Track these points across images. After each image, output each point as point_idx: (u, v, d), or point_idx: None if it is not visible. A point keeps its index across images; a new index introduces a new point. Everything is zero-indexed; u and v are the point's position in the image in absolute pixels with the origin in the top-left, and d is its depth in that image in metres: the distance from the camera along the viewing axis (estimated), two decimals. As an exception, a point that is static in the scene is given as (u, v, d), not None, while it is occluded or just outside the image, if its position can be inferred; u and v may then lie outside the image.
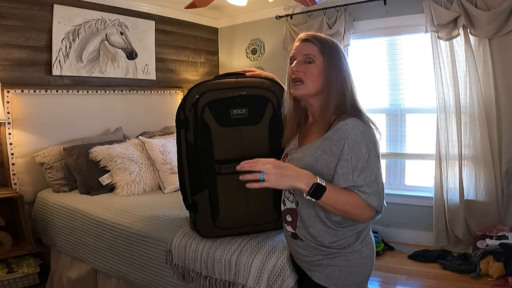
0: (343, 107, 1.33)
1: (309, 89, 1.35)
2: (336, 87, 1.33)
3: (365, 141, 1.26)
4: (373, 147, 1.28)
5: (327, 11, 3.68)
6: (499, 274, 2.74)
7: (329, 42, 1.37)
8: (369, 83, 3.79)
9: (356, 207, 1.25)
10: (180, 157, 1.74)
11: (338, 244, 1.35)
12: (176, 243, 1.89)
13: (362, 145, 1.26)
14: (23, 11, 2.89)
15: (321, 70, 1.34)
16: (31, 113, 2.92)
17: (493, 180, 3.12)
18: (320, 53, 1.34)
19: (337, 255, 1.36)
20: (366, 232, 1.40)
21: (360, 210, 1.26)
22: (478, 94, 3.11)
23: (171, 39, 4.09)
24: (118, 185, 2.84)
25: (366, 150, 1.26)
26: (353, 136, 1.26)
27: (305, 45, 1.37)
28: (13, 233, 2.59)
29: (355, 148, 1.25)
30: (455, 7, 3.05)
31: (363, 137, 1.26)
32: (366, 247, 1.39)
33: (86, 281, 2.48)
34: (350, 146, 1.25)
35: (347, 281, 1.37)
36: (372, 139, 1.28)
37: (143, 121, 3.68)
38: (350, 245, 1.36)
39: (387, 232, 3.63)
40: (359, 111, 1.34)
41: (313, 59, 1.34)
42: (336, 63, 1.35)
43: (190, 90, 1.69)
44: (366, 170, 1.25)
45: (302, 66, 1.36)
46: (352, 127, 1.27)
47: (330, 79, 1.34)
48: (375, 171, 1.27)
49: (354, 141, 1.25)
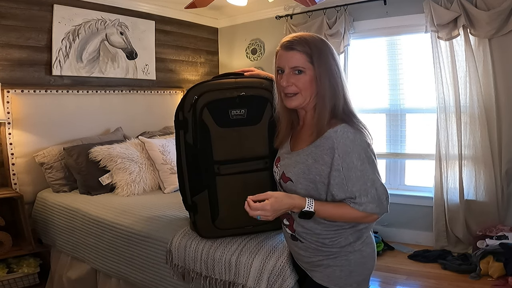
0: (335, 111, 1.29)
1: (303, 99, 1.32)
2: (329, 93, 1.29)
3: (356, 149, 1.24)
4: (365, 154, 1.25)
5: (327, 11, 3.68)
6: (499, 274, 2.74)
7: (316, 45, 1.29)
8: (369, 83, 3.79)
9: (356, 218, 1.28)
10: (179, 158, 1.74)
11: (339, 243, 1.35)
12: (176, 243, 1.89)
13: (353, 154, 1.23)
14: (23, 11, 2.90)
15: (312, 78, 1.29)
16: (31, 113, 2.92)
17: (493, 180, 3.11)
18: (309, 62, 1.28)
19: (337, 255, 1.36)
20: (367, 231, 1.40)
21: (361, 218, 1.29)
22: (478, 94, 3.11)
23: (171, 39, 4.09)
24: (118, 185, 2.84)
25: (357, 159, 1.23)
26: (343, 146, 1.23)
27: (291, 54, 1.29)
28: (13, 233, 2.60)
29: (346, 158, 1.23)
30: (455, 7, 3.05)
31: (353, 145, 1.24)
32: (366, 246, 1.39)
33: (86, 281, 2.49)
34: (341, 156, 1.24)
35: (348, 281, 1.37)
36: (363, 145, 1.25)
37: (143, 121, 3.68)
38: (351, 244, 1.36)
39: (387, 232, 3.63)
40: (350, 115, 1.31)
41: (303, 69, 1.28)
42: (327, 68, 1.29)
43: (189, 91, 1.68)
44: (360, 179, 1.24)
45: (291, 78, 1.30)
46: (342, 135, 1.24)
47: (323, 85, 1.28)
48: (371, 177, 1.25)
49: (344, 151, 1.23)
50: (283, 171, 1.39)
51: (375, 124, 3.79)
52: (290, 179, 1.35)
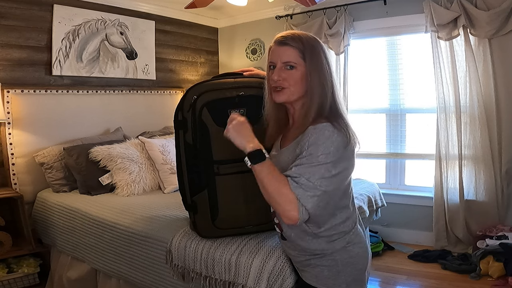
0: (321, 110, 1.28)
1: (292, 94, 1.31)
2: (318, 90, 1.29)
3: (326, 144, 1.21)
4: (333, 152, 1.21)
5: (327, 11, 3.68)
6: (499, 274, 2.74)
7: (309, 42, 1.30)
8: (369, 83, 3.79)
9: (282, 195, 1.20)
10: (179, 158, 1.74)
11: (320, 249, 1.34)
12: (176, 243, 1.89)
13: (320, 147, 1.21)
14: (23, 11, 2.90)
15: (303, 75, 1.29)
16: (31, 113, 2.92)
17: (493, 180, 3.11)
18: (301, 58, 1.28)
19: (323, 255, 1.35)
20: (352, 234, 1.38)
21: (285, 200, 1.20)
22: (478, 94, 3.11)
23: (171, 39, 4.09)
24: (118, 185, 2.84)
25: (322, 152, 1.21)
26: (315, 139, 1.22)
27: (284, 49, 1.30)
28: (13, 233, 2.60)
29: (313, 149, 1.21)
30: (455, 7, 3.05)
31: (325, 140, 1.21)
32: (354, 246, 1.37)
33: (86, 281, 2.49)
34: (309, 145, 1.22)
35: (336, 281, 1.36)
36: (336, 144, 1.22)
37: (143, 121, 3.68)
38: (333, 246, 1.35)
39: (387, 232, 3.63)
40: (336, 115, 1.29)
41: (294, 65, 1.29)
42: (318, 66, 1.29)
43: (188, 91, 1.68)
44: (313, 167, 1.20)
45: (283, 73, 1.30)
46: (318, 131, 1.22)
47: (313, 82, 1.29)
48: (323, 172, 1.20)
49: (314, 143, 1.22)
50: None
51: (375, 124, 3.79)
52: None
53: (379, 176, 3.80)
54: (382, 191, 3.19)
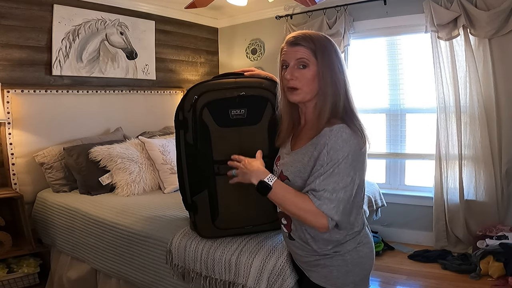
0: (335, 110, 1.29)
1: (306, 94, 1.32)
2: (331, 89, 1.29)
3: (345, 149, 1.21)
4: (352, 156, 1.22)
5: (327, 11, 3.68)
6: (499, 274, 2.74)
7: (321, 42, 1.31)
8: (369, 83, 3.79)
9: (307, 212, 1.23)
10: (179, 158, 1.74)
11: (332, 248, 1.35)
12: (176, 243, 1.89)
13: (340, 152, 1.21)
14: (23, 11, 2.90)
15: (315, 74, 1.29)
16: (31, 113, 2.92)
17: (493, 180, 3.11)
18: (313, 56, 1.29)
19: (333, 256, 1.36)
20: (362, 235, 1.39)
21: (313, 216, 1.23)
22: (478, 94, 3.11)
23: (171, 39, 4.09)
24: (118, 185, 2.84)
25: (342, 157, 1.21)
26: (333, 143, 1.22)
27: (296, 49, 1.31)
28: (13, 233, 2.60)
29: (332, 154, 1.21)
30: (455, 7, 3.05)
31: (344, 144, 1.21)
32: (363, 246, 1.38)
33: (86, 281, 2.49)
34: (328, 151, 1.22)
35: (345, 281, 1.37)
36: (353, 147, 1.22)
37: (143, 121, 3.68)
38: (345, 247, 1.35)
39: (387, 232, 3.63)
40: (351, 115, 1.29)
41: (307, 63, 1.29)
42: (330, 65, 1.29)
43: (189, 91, 1.68)
44: (334, 176, 1.21)
45: (296, 72, 1.31)
46: (335, 133, 1.22)
47: (325, 81, 1.29)
48: (345, 179, 1.22)
49: (332, 147, 1.22)
50: (281, 170, 1.39)
51: (375, 124, 3.79)
52: (287, 178, 1.35)
53: (379, 176, 3.80)
54: (382, 191, 3.19)
